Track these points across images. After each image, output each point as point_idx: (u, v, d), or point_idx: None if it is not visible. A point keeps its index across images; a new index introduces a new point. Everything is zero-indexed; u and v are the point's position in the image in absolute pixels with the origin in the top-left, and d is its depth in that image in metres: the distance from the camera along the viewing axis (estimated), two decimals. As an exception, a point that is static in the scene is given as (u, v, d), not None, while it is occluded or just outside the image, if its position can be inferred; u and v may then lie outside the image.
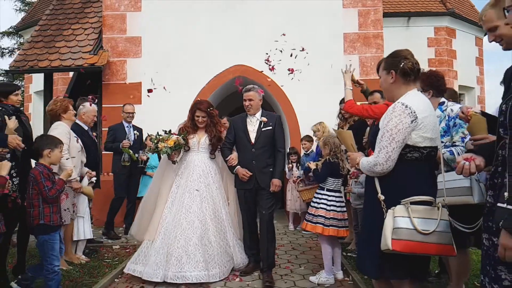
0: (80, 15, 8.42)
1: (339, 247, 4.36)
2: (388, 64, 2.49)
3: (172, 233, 4.19)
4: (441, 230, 2.21)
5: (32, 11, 15.37)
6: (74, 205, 4.68)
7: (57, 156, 3.59)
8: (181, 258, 4.05)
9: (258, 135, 4.35)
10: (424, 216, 2.21)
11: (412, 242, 2.17)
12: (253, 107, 4.39)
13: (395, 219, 2.21)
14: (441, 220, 2.22)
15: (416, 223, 2.18)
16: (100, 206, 6.49)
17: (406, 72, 2.40)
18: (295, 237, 6.40)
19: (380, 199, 2.33)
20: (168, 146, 4.35)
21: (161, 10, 7.71)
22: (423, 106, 2.36)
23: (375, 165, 2.33)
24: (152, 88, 7.56)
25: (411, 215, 2.20)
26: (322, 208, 4.18)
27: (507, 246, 1.63)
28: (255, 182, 4.29)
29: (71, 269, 4.41)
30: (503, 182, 1.77)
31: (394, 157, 2.29)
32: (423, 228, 2.18)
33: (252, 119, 4.43)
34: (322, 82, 7.46)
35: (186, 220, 4.24)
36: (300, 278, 4.33)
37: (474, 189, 2.62)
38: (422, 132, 2.30)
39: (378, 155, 2.32)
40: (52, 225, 3.38)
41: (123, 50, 7.72)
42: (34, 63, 7.36)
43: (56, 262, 3.37)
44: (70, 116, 4.67)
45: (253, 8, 7.72)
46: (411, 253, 2.20)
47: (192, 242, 4.12)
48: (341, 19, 7.81)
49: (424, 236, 2.17)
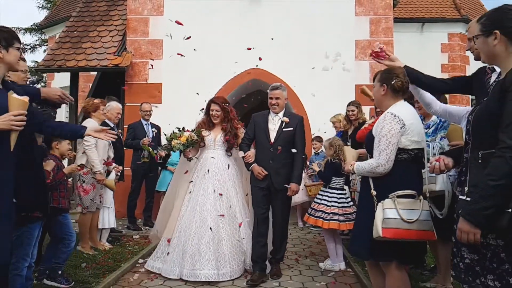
0: (105, 18, 8.92)
1: (339, 240, 4.75)
2: (382, 78, 2.85)
3: (187, 231, 4.26)
4: (423, 218, 2.57)
5: (56, 10, 15.93)
6: (101, 196, 5.12)
7: (64, 147, 4.03)
8: (194, 256, 4.11)
9: (278, 135, 4.29)
10: (408, 207, 2.57)
11: (399, 230, 2.53)
12: (280, 105, 4.34)
13: (384, 211, 2.57)
14: (423, 210, 2.58)
15: (401, 213, 2.54)
16: (121, 198, 6.92)
17: (396, 89, 2.78)
18: (303, 232, 6.77)
19: (372, 195, 2.69)
20: (181, 142, 4.39)
21: (182, 15, 8.08)
22: (409, 114, 2.73)
23: (377, 166, 2.68)
24: None
25: (397, 207, 2.56)
26: (323, 204, 4.60)
27: (463, 229, 1.97)
28: (270, 182, 4.25)
29: (96, 254, 4.85)
30: (465, 180, 2.13)
31: (392, 158, 2.65)
32: (407, 218, 2.54)
33: (274, 117, 4.37)
34: (332, 86, 7.80)
35: (200, 218, 4.29)
36: (306, 268, 4.69)
37: (437, 179, 3.03)
38: (410, 136, 2.68)
39: (379, 157, 2.68)
40: (61, 208, 3.81)
41: (145, 52, 8.18)
42: (62, 62, 7.87)
43: (73, 238, 3.87)
44: (99, 115, 5.11)
45: (268, 14, 8.11)
46: (399, 239, 2.55)
47: (204, 240, 4.16)
48: (353, 27, 8.15)
49: (409, 224, 2.53)
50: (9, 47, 2.51)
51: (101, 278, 4.01)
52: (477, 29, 2.21)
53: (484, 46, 2.16)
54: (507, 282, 1.91)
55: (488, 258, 1.98)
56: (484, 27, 2.14)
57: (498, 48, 2.09)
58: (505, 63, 2.09)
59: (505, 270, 1.92)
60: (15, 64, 2.61)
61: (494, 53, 2.11)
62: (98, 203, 5.03)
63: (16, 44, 2.56)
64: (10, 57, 2.52)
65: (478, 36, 2.17)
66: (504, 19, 2.08)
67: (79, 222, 4.93)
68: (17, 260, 3.12)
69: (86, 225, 4.92)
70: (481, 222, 1.93)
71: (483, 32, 2.15)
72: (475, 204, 1.96)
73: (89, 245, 4.96)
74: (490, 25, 2.10)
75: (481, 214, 1.92)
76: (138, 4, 8.21)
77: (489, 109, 2.08)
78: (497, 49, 2.09)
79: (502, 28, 2.06)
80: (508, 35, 2.06)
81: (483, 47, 2.18)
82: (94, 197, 4.96)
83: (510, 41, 2.06)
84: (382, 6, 8.21)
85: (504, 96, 1.98)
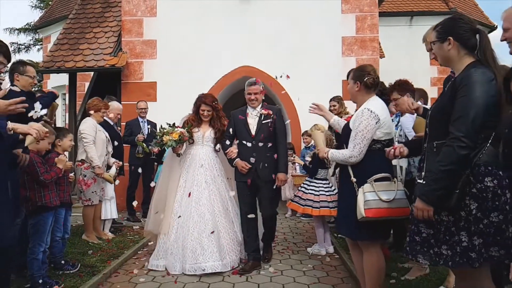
0: (100, 19, 9.21)
1: (327, 227, 5.15)
2: (356, 76, 3.20)
3: (185, 227, 4.33)
4: (399, 197, 2.92)
5: (50, 10, 16.08)
6: (102, 189, 5.47)
7: (66, 144, 4.25)
8: (195, 250, 4.18)
9: (258, 127, 4.37)
10: (385, 189, 2.93)
11: (379, 209, 2.88)
12: (258, 100, 4.45)
13: (365, 194, 2.91)
14: (398, 190, 2.94)
15: (380, 195, 2.89)
16: (120, 192, 7.26)
17: (368, 85, 3.14)
18: (293, 222, 7.14)
19: (353, 182, 3.05)
20: (173, 139, 4.46)
21: (174, 16, 8.46)
22: (382, 110, 3.10)
23: (350, 157, 3.05)
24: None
25: (375, 189, 2.91)
26: (310, 193, 4.98)
27: (419, 207, 2.33)
28: (255, 175, 4.31)
29: (100, 243, 5.21)
30: (423, 166, 2.49)
31: (364, 151, 3.02)
32: (385, 198, 2.89)
33: (252, 111, 4.46)
34: (320, 81, 8.15)
35: (197, 213, 4.36)
36: (295, 253, 5.07)
37: (396, 168, 3.38)
38: (383, 129, 3.05)
39: (353, 149, 3.04)
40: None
41: (140, 52, 8.49)
42: (61, 64, 8.17)
43: (58, 234, 4.07)
44: (97, 115, 5.45)
45: (258, 12, 8.43)
46: (380, 218, 2.89)
47: (205, 234, 4.25)
48: (340, 24, 8.49)
49: (387, 203, 2.88)
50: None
51: (106, 263, 4.37)
52: (433, 36, 2.55)
53: (440, 51, 2.51)
54: (456, 250, 2.28)
55: (442, 232, 2.34)
56: (439, 34, 2.48)
57: (451, 52, 2.43)
58: (458, 65, 2.43)
59: (455, 241, 2.27)
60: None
61: (449, 57, 2.46)
62: (100, 195, 5.38)
63: None
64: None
65: (435, 42, 2.52)
66: (456, 27, 2.42)
67: (84, 214, 5.29)
68: (34, 245, 3.51)
69: (90, 216, 5.27)
70: (434, 201, 2.29)
71: (438, 39, 2.49)
72: (428, 186, 2.32)
73: (93, 234, 5.31)
74: (445, 33, 2.44)
75: (434, 194, 2.28)
76: (132, 6, 8.52)
77: (442, 105, 2.44)
78: (451, 53, 2.44)
79: (455, 34, 2.40)
80: (460, 40, 2.39)
81: (439, 51, 2.53)
82: (95, 190, 5.30)
83: (461, 46, 2.40)
84: (368, 4, 8.54)
85: (455, 94, 2.33)
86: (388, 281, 3.67)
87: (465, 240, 2.24)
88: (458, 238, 2.28)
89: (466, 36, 2.39)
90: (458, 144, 2.21)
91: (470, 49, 2.39)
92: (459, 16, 2.53)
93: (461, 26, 2.41)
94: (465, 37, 2.39)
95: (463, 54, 2.41)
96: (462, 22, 2.43)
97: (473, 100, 2.20)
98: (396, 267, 4.09)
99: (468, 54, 2.40)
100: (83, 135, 5.24)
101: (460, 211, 2.26)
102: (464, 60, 2.40)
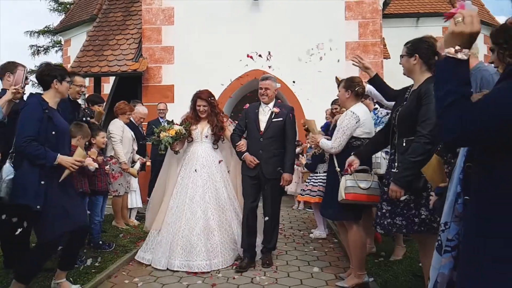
0: (122, 27, 9.98)
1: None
2: (347, 85, 3.84)
3: (176, 223, 4.33)
4: (373, 187, 3.55)
5: (70, 14, 16.80)
6: (128, 181, 6.19)
7: (100, 141, 4.83)
8: (185, 248, 4.20)
9: (268, 125, 4.39)
10: (363, 178, 3.55)
11: (357, 194, 3.50)
12: (268, 95, 4.45)
13: (346, 181, 3.54)
14: (373, 181, 3.58)
15: (359, 183, 3.52)
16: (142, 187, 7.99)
17: (358, 94, 3.81)
18: (300, 213, 7.81)
19: (337, 171, 3.71)
20: (169, 135, 4.46)
21: (190, 24, 9.19)
22: (364, 113, 3.77)
23: (331, 148, 3.75)
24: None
25: (355, 178, 3.55)
26: (311, 185, 5.69)
27: (392, 190, 2.97)
28: (260, 171, 4.36)
29: (128, 228, 5.95)
30: (395, 158, 3.14)
31: (343, 145, 3.70)
32: (363, 186, 3.53)
33: (264, 108, 4.49)
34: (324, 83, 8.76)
35: (190, 210, 4.35)
36: (299, 238, 5.74)
37: (382, 164, 4.06)
38: (363, 128, 3.71)
39: (334, 142, 3.73)
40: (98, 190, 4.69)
41: (159, 58, 9.24)
42: (87, 69, 8.95)
43: (97, 217, 4.83)
44: (124, 117, 6.16)
45: (267, 20, 9.12)
46: (357, 201, 3.52)
47: (195, 232, 4.24)
48: (344, 30, 9.13)
49: (364, 190, 3.51)
50: (63, 81, 3.35)
51: (135, 244, 5.09)
52: (403, 51, 3.20)
53: (407, 64, 3.16)
54: (412, 220, 2.94)
55: (400, 207, 3.00)
56: (408, 50, 3.14)
57: (415, 66, 3.09)
58: (419, 77, 3.10)
59: (411, 214, 2.95)
60: (65, 93, 3.46)
61: (413, 70, 3.12)
62: (126, 187, 6.10)
63: (67, 78, 3.39)
64: (63, 88, 3.37)
65: (404, 56, 3.17)
66: (422, 47, 3.06)
67: (113, 203, 6.01)
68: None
69: (118, 205, 6.01)
70: (404, 185, 2.95)
71: (407, 54, 3.14)
72: (400, 173, 2.98)
73: (122, 221, 6.05)
74: (413, 50, 3.10)
75: (405, 179, 2.94)
76: (151, 15, 9.27)
77: (408, 110, 3.09)
78: (415, 67, 3.10)
79: (420, 53, 3.05)
80: (423, 58, 3.05)
81: (406, 64, 3.18)
82: (121, 183, 6.00)
83: (424, 63, 3.06)
84: (370, 11, 9.15)
85: (420, 102, 2.98)
86: (374, 260, 4.33)
87: (424, 214, 2.90)
88: (418, 212, 2.94)
89: (428, 56, 3.03)
90: (425, 140, 2.87)
91: (430, 66, 3.04)
92: (425, 39, 3.16)
93: (425, 48, 3.05)
94: (427, 56, 3.04)
95: (424, 69, 3.07)
96: (427, 44, 3.08)
97: None
98: (385, 248, 4.71)
99: (427, 70, 3.06)
100: (111, 134, 5.93)
101: (423, 192, 2.93)
102: (424, 74, 3.06)
